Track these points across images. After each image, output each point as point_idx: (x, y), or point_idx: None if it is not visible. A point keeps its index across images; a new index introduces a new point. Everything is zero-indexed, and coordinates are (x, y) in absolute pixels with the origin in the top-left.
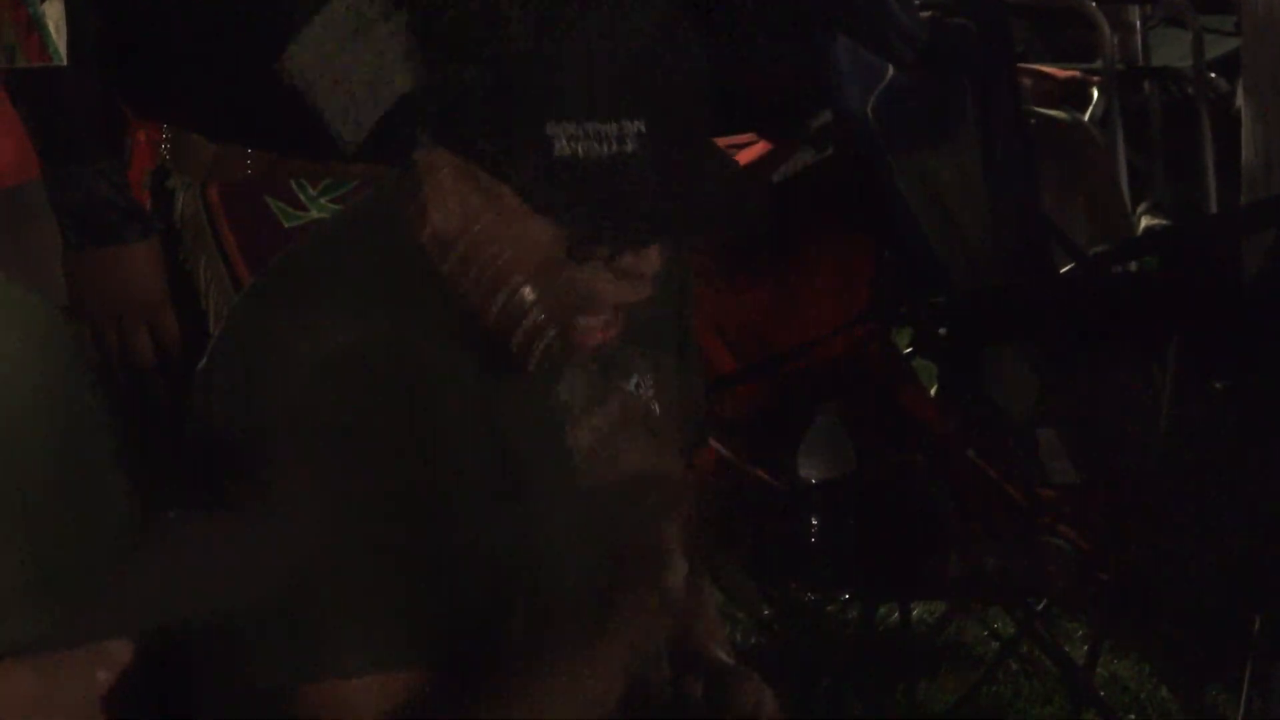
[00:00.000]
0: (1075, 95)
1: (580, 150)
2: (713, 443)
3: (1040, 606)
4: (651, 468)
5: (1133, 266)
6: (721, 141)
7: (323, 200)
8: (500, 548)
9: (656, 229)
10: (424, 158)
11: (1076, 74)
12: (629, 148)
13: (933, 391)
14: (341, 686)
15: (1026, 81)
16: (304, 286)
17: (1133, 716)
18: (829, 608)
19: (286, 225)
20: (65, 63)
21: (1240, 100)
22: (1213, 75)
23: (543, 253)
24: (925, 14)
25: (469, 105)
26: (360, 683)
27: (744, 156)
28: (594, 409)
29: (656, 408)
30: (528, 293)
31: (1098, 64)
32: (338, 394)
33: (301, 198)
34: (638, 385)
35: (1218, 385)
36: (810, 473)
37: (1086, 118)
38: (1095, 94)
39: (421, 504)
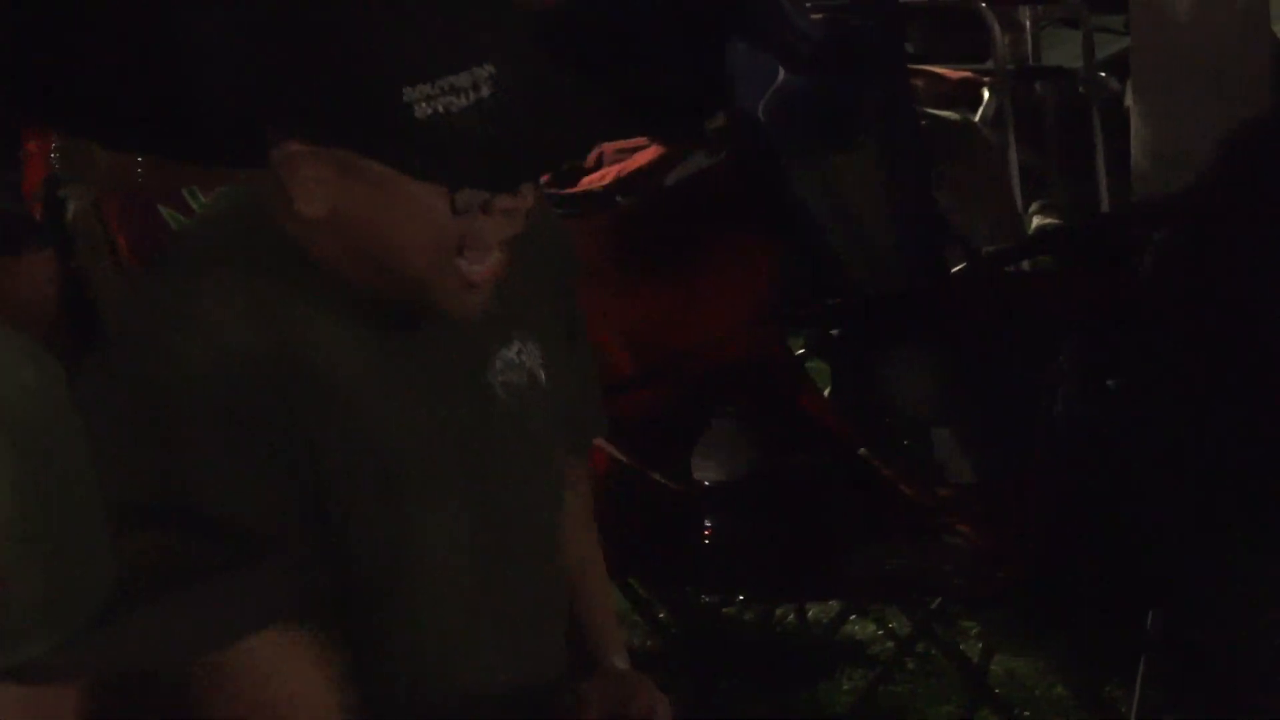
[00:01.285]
0: (967, 96)
1: (440, 107)
2: (608, 446)
3: (936, 605)
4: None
5: (1026, 265)
6: (614, 145)
7: None
8: (390, 530)
9: (529, 165)
10: (278, 154)
11: (969, 75)
12: (484, 93)
13: (826, 393)
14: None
15: (919, 83)
16: (187, 289)
17: (1028, 713)
18: (726, 609)
19: None
20: None
21: (1130, 99)
22: (1103, 75)
23: (427, 215)
24: (818, 15)
25: (321, 91)
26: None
27: (638, 160)
28: None
29: (542, 375)
30: (415, 255)
31: (989, 65)
32: (224, 394)
33: (193, 205)
34: (519, 352)
35: (1112, 383)
36: (706, 475)
37: (978, 118)
38: (987, 95)
39: (311, 490)
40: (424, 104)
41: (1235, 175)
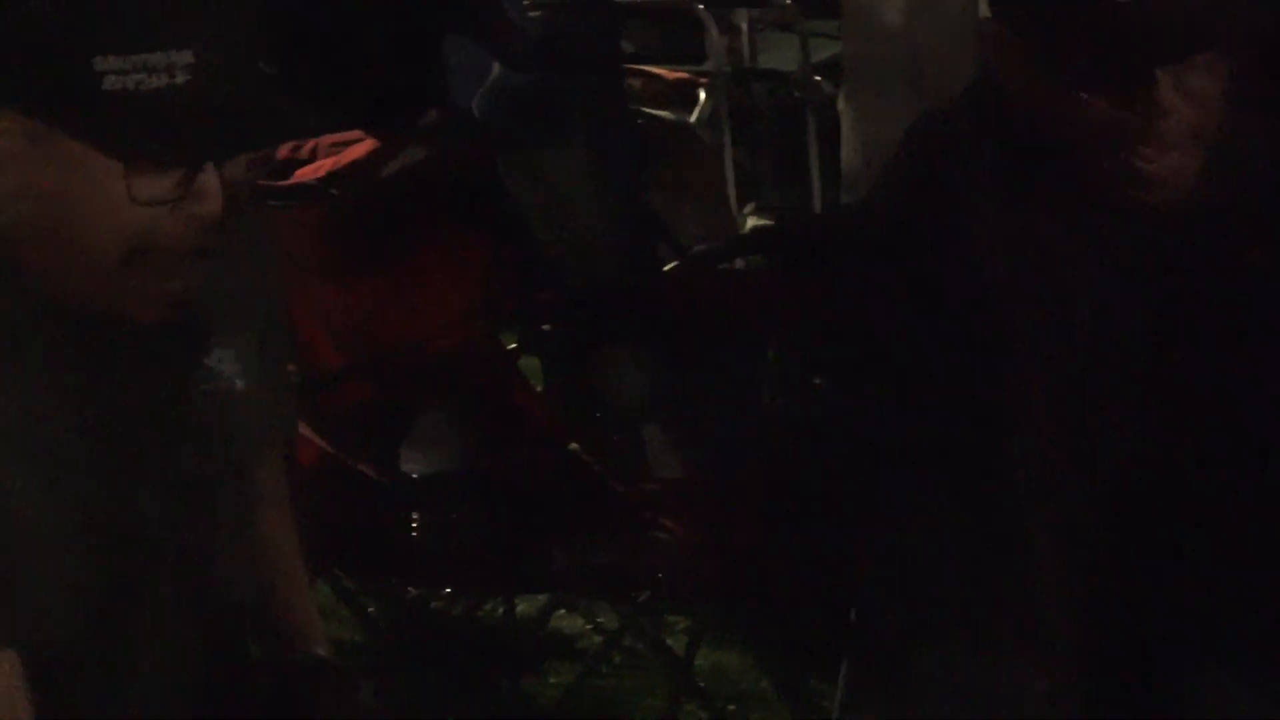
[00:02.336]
0: (684, 97)
1: (130, 83)
2: (317, 438)
3: (643, 599)
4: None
5: (740, 264)
6: (329, 139)
7: None
8: (106, 533)
9: (212, 153)
10: None
11: (685, 76)
12: (179, 79)
13: (540, 388)
14: None
15: (636, 82)
16: None
17: (734, 707)
18: (434, 603)
19: None
20: None
21: (842, 103)
22: (818, 78)
23: (106, 195)
24: (535, 13)
25: (12, 54)
26: None
27: (352, 153)
28: None
29: (240, 384)
30: (92, 243)
31: (706, 66)
32: None
33: None
34: (219, 360)
35: (818, 381)
36: (414, 467)
37: (694, 119)
38: (703, 96)
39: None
40: (114, 76)
41: (923, 174)
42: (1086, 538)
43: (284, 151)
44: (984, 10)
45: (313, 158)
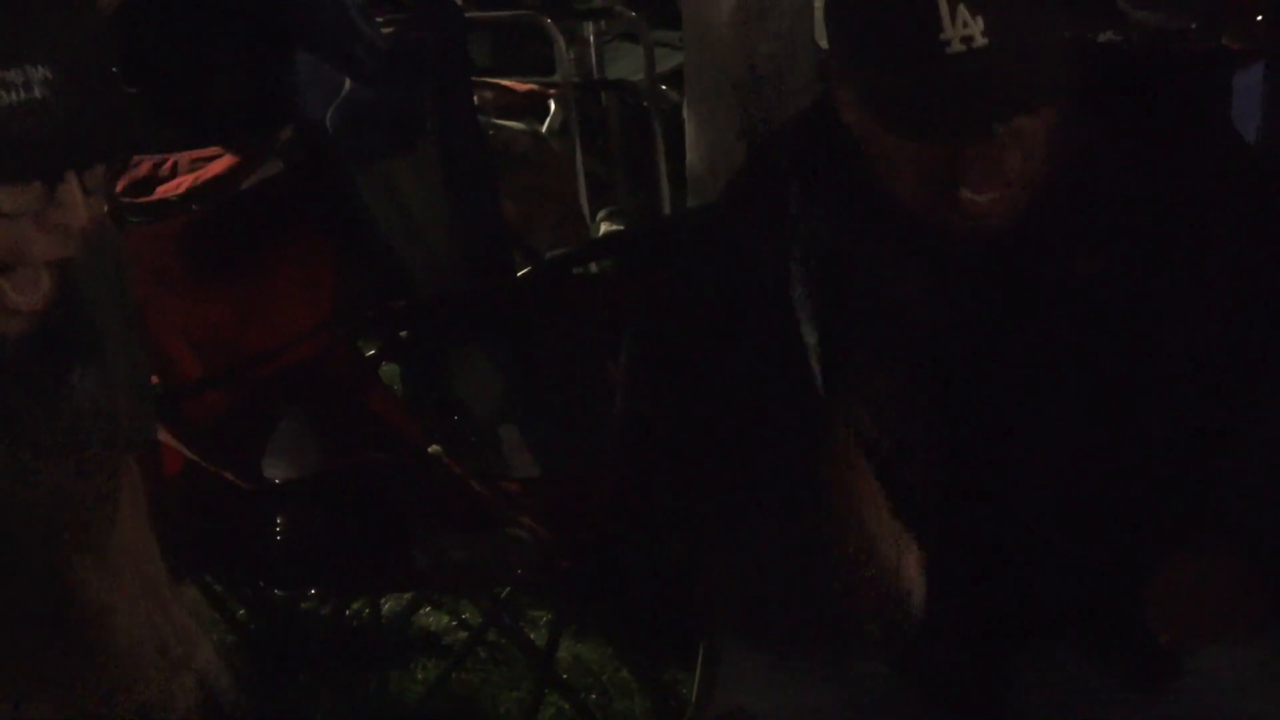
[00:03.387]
0: (534, 107)
1: None
2: (179, 446)
3: (505, 595)
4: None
5: (594, 269)
6: (189, 155)
7: None
8: None
9: (72, 162)
10: None
11: (535, 87)
12: (36, 93)
13: (400, 393)
14: None
15: (488, 94)
16: None
17: (595, 696)
18: (302, 605)
19: None
20: None
21: (686, 110)
22: (664, 87)
23: None
24: (387, 29)
25: None
26: None
27: (212, 169)
28: None
29: (101, 397)
30: None
31: (556, 77)
32: None
33: None
34: (80, 376)
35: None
36: (275, 473)
37: (545, 129)
38: (553, 106)
39: None
40: None
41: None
42: (925, 530)
43: (145, 169)
44: (818, 17)
45: (173, 174)
